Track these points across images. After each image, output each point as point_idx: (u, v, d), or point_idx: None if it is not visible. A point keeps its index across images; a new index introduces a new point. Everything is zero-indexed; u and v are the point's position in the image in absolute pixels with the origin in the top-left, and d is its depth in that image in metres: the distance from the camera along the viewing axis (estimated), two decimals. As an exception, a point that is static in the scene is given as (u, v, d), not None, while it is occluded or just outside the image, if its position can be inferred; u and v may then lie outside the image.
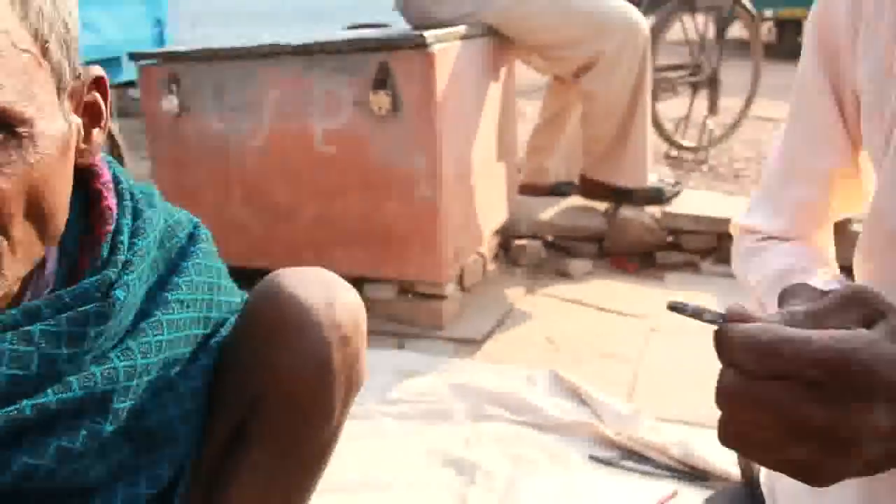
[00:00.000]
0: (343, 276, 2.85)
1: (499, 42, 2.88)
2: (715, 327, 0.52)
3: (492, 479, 1.85)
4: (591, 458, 1.94)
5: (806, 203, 0.95)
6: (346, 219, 2.59)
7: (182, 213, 1.07)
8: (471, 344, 2.55)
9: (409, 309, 2.67)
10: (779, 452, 0.51)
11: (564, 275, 3.09)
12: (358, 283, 2.70)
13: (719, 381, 0.52)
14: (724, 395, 0.51)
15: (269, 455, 1.01)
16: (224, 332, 1.05)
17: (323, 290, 0.97)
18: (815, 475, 0.51)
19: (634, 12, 2.96)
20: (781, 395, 0.49)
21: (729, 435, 0.52)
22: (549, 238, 3.28)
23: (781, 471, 0.53)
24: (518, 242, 3.20)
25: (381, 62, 2.36)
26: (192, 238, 1.05)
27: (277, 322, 0.96)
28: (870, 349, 0.48)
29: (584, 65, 2.93)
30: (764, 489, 0.98)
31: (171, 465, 0.99)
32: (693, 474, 1.86)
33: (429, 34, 2.33)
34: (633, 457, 1.94)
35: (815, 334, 0.48)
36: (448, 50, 2.43)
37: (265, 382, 0.98)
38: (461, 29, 2.54)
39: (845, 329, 0.50)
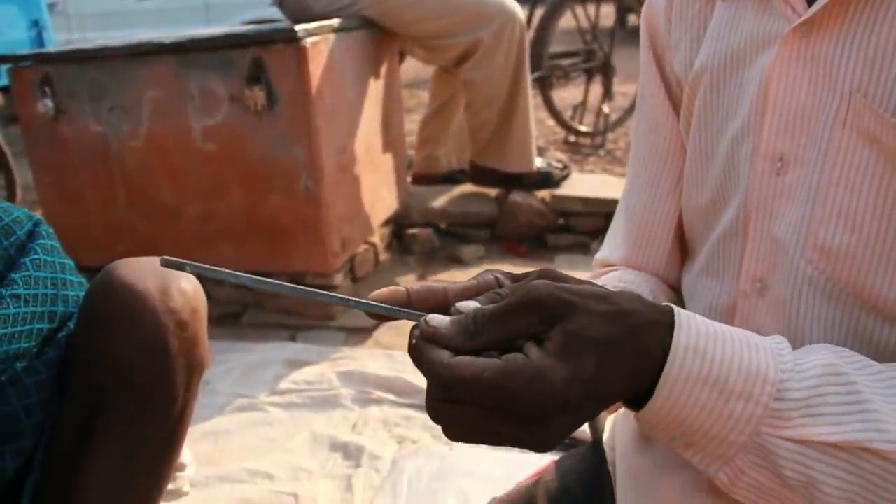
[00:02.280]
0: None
1: (378, 34, 2.91)
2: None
3: (377, 461, 1.89)
4: (475, 434, 2.00)
5: (643, 221, 0.91)
6: (232, 214, 2.60)
7: (21, 210, 1.08)
8: (361, 332, 2.59)
9: (299, 301, 2.70)
10: (491, 443, 0.57)
11: (457, 261, 3.14)
12: (248, 278, 2.71)
13: (426, 394, 0.58)
14: (430, 412, 0.58)
15: (119, 441, 1.03)
16: (72, 325, 1.07)
17: (157, 278, 1.00)
18: (532, 448, 0.58)
19: (509, 1, 3.02)
20: (468, 413, 0.55)
21: (448, 436, 0.59)
22: (442, 225, 3.33)
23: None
24: (410, 231, 3.24)
25: (255, 57, 2.37)
26: (32, 235, 1.07)
27: (114, 312, 0.98)
28: (533, 386, 0.54)
29: (463, 54, 2.99)
30: (606, 447, 1.04)
31: (17, 456, 1.00)
32: (570, 444, 1.93)
33: (300, 28, 2.35)
34: (515, 431, 2.00)
35: (486, 370, 0.54)
36: (321, 43, 2.45)
37: (108, 371, 1.00)
38: (335, 22, 2.56)
39: (522, 338, 0.56)
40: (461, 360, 0.55)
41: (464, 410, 0.56)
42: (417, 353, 0.57)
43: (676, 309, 0.60)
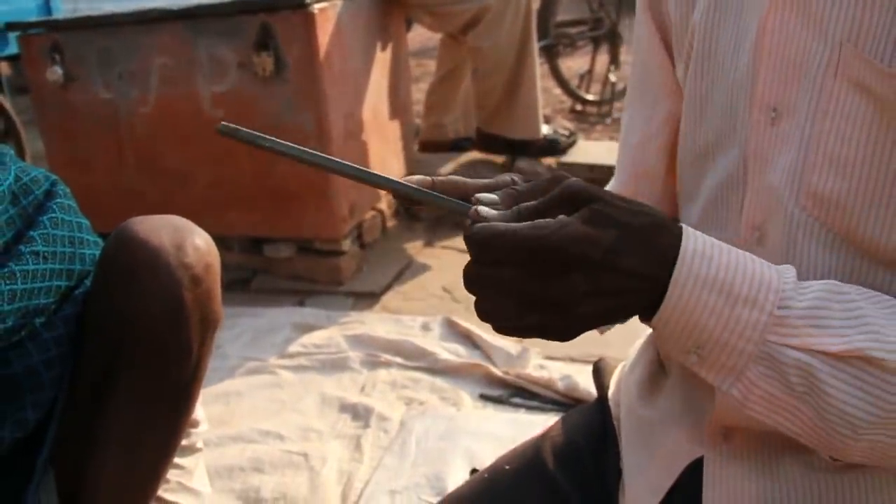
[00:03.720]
0: (241, 238, 2.88)
1: (385, 1, 2.91)
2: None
3: (385, 421, 1.93)
4: (482, 396, 2.03)
5: (638, 158, 0.95)
6: (240, 181, 2.62)
7: (38, 171, 1.10)
8: (369, 297, 2.62)
9: (308, 266, 2.73)
10: (519, 320, 0.61)
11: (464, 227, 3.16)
12: (257, 243, 2.74)
13: (464, 269, 0.62)
14: (466, 280, 0.62)
15: (135, 394, 1.06)
16: (88, 282, 1.09)
17: (172, 235, 1.03)
18: (555, 333, 0.62)
19: (515, -33, 3.02)
20: (502, 276, 0.60)
21: (480, 312, 0.62)
22: (449, 193, 3.34)
23: (532, 335, 0.63)
24: (417, 198, 3.25)
25: (263, 23, 2.38)
26: (50, 195, 1.09)
27: (130, 267, 1.01)
28: (559, 232, 0.58)
29: (470, 20, 2.99)
30: (611, 402, 1.06)
31: (37, 408, 1.03)
32: (575, 402, 1.96)
33: (308, -6, 2.37)
34: (521, 393, 2.04)
35: (520, 226, 0.59)
36: (329, 9, 2.46)
37: (124, 325, 1.03)
38: (342, -12, 2.58)
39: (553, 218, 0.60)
40: (498, 222, 0.60)
41: (498, 273, 0.59)
42: (469, 235, 0.61)
43: (685, 225, 0.63)
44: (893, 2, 0.63)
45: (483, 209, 0.62)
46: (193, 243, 1.03)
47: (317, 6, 2.39)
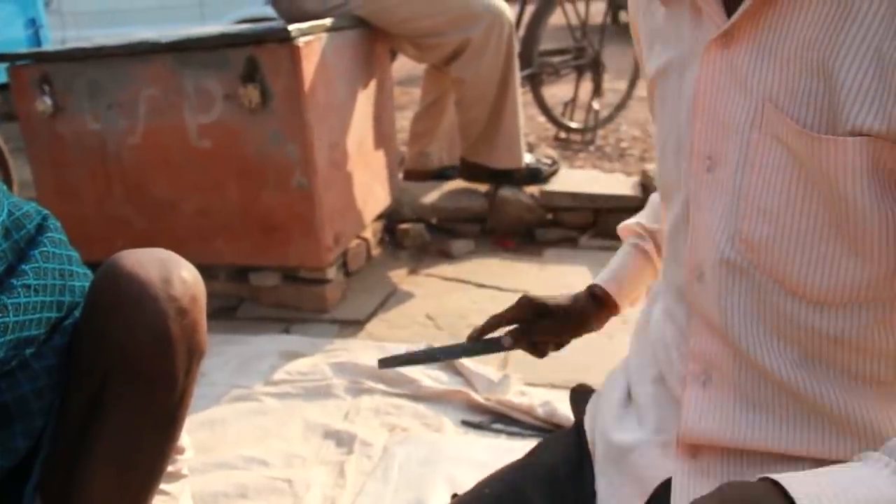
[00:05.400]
0: (227, 266, 2.91)
1: (370, 33, 2.97)
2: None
3: (368, 447, 1.96)
4: (463, 422, 2.07)
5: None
6: (227, 210, 2.66)
7: (30, 205, 1.14)
8: (354, 325, 2.65)
9: (293, 295, 2.76)
10: None
11: (448, 255, 3.21)
12: (243, 271, 2.78)
13: None
14: None
15: (122, 422, 1.10)
16: (77, 314, 1.13)
17: (159, 268, 1.06)
18: None
19: (497, 0, 3.08)
20: None
21: None
22: (433, 221, 3.39)
23: None
24: (402, 226, 3.31)
25: (249, 56, 2.43)
26: (41, 228, 1.13)
27: (118, 299, 1.04)
28: None
29: (453, 52, 3.05)
30: (586, 428, 1.10)
31: (27, 437, 1.07)
32: (554, 427, 2.00)
33: (293, 27, 2.41)
34: (502, 420, 2.07)
35: None
36: (314, 42, 2.51)
37: (111, 356, 1.06)
38: (327, 21, 2.63)
39: None
40: None
41: None
42: None
43: (779, 480, 0.62)
44: (808, 67, 0.69)
45: None
46: (180, 276, 1.07)
47: (302, 39, 2.44)
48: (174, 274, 1.07)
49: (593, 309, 1.16)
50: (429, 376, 2.23)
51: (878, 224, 0.68)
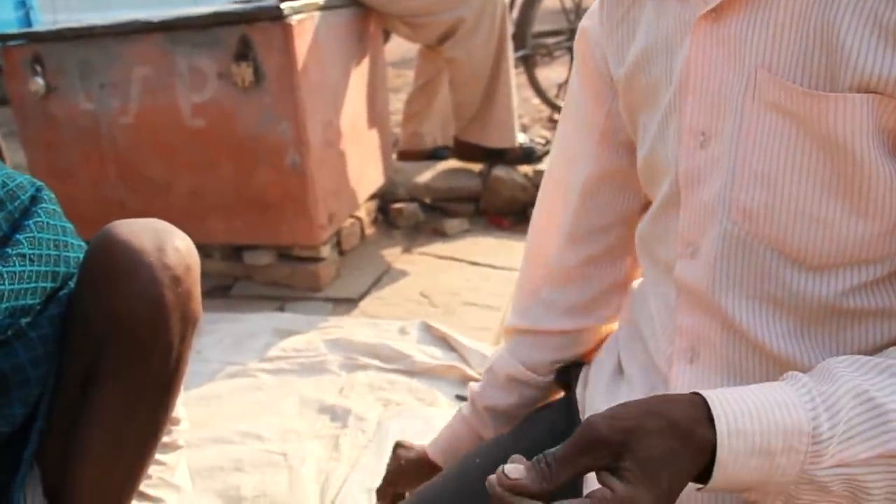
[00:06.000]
0: (222, 245, 2.91)
1: (363, 11, 2.97)
2: None
3: (363, 422, 1.98)
4: (458, 397, 2.08)
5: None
6: (221, 189, 2.67)
7: (24, 177, 1.15)
8: (348, 303, 2.67)
9: (288, 273, 2.77)
10: None
11: (442, 234, 3.22)
12: (237, 250, 2.79)
13: None
14: None
15: (118, 389, 1.11)
16: (72, 284, 1.14)
17: (153, 237, 1.07)
18: None
19: (490, -21, 3.08)
20: None
21: None
22: (427, 200, 3.40)
23: None
24: (395, 206, 3.32)
25: (242, 35, 2.43)
26: (35, 199, 1.14)
27: (113, 268, 1.06)
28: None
29: (446, 32, 3.05)
30: (578, 397, 1.12)
31: (24, 404, 1.08)
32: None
33: (286, 6, 2.41)
34: (495, 394, 2.08)
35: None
36: (307, 21, 2.51)
37: (107, 324, 1.07)
38: (320, 0, 2.63)
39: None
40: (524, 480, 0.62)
41: None
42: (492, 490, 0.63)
43: (707, 397, 0.66)
44: (804, 32, 0.70)
45: (511, 470, 0.63)
46: (174, 245, 1.08)
47: (295, 18, 2.44)
48: (168, 243, 1.08)
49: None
50: (423, 352, 2.25)
51: (884, 179, 0.69)
